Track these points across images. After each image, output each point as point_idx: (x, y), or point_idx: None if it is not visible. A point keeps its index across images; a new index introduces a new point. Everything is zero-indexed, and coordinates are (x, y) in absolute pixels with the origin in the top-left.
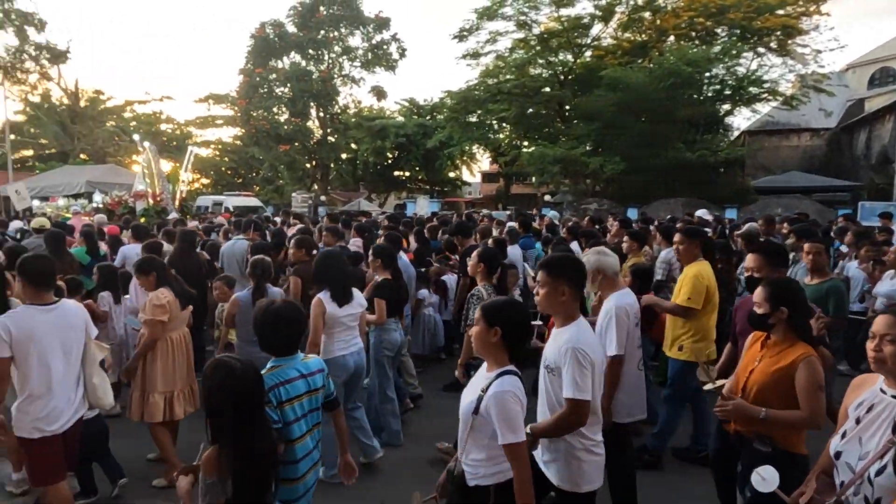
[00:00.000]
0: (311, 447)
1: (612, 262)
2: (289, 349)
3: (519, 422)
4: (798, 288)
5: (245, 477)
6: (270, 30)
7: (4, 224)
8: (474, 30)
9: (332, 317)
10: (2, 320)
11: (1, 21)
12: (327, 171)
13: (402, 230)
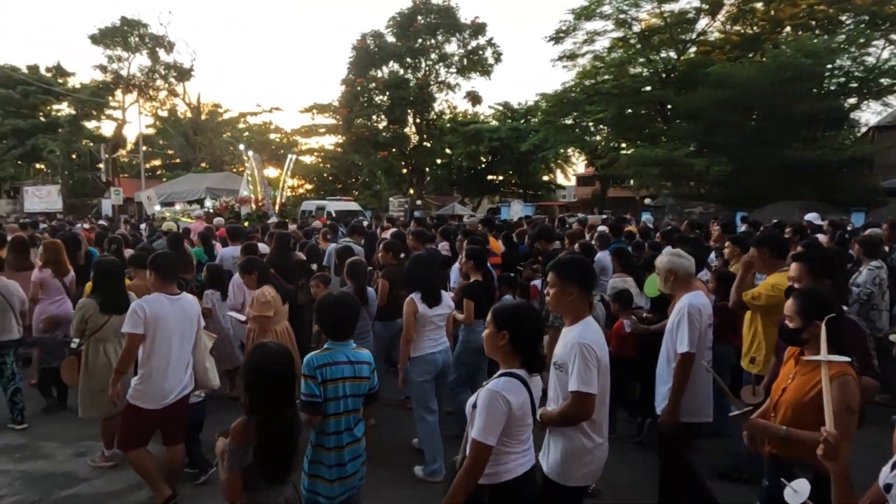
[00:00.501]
0: (344, 427)
1: (686, 264)
2: (342, 335)
3: (494, 424)
4: (833, 299)
5: (265, 447)
6: (371, 41)
7: (136, 227)
8: (571, 31)
9: (422, 316)
10: (139, 302)
11: (137, 45)
12: (422, 176)
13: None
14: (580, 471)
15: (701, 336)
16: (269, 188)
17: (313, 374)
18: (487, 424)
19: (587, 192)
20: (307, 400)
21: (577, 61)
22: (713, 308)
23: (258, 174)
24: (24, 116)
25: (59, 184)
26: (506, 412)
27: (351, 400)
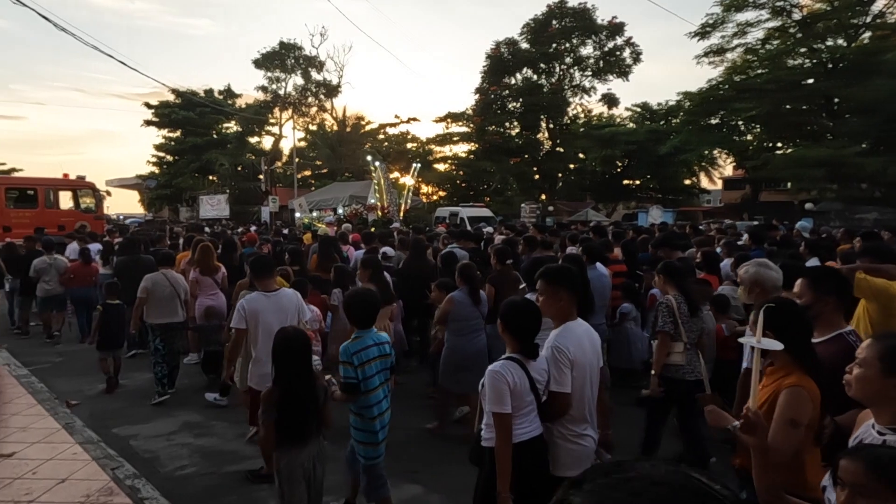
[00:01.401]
0: (382, 397)
1: (773, 276)
2: (366, 323)
3: (501, 396)
4: (799, 311)
5: (285, 410)
6: (504, 48)
7: (279, 232)
8: (719, 24)
9: None
10: (241, 302)
11: (293, 66)
12: (555, 182)
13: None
14: (563, 460)
15: None
16: (394, 196)
17: (350, 359)
18: (494, 397)
19: (735, 197)
20: (346, 382)
21: (725, 56)
22: None
23: (385, 183)
24: (201, 135)
25: (227, 193)
26: (506, 386)
27: (383, 374)
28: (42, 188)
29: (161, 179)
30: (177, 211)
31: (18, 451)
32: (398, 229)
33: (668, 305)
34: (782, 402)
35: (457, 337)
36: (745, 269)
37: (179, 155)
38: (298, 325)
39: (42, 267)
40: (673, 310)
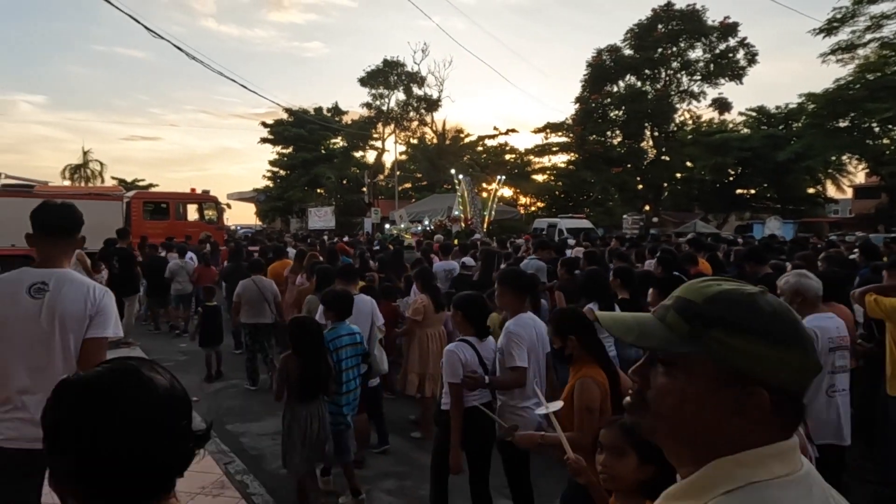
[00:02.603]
0: (351, 377)
1: (814, 286)
2: (342, 317)
3: (454, 369)
4: (580, 314)
5: (297, 374)
6: (606, 56)
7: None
8: (848, 18)
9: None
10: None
11: (395, 83)
12: (659, 192)
13: None
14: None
15: (822, 360)
16: (478, 207)
17: (326, 345)
18: (450, 370)
19: (868, 207)
20: None
21: (856, 53)
22: None
23: (469, 195)
24: (310, 150)
25: (333, 205)
26: (458, 362)
27: (353, 359)
28: (173, 202)
29: (273, 192)
30: (287, 222)
31: None
32: (481, 240)
33: None
34: (575, 393)
35: None
36: (784, 279)
37: (291, 169)
38: (372, 328)
39: (175, 269)
40: None
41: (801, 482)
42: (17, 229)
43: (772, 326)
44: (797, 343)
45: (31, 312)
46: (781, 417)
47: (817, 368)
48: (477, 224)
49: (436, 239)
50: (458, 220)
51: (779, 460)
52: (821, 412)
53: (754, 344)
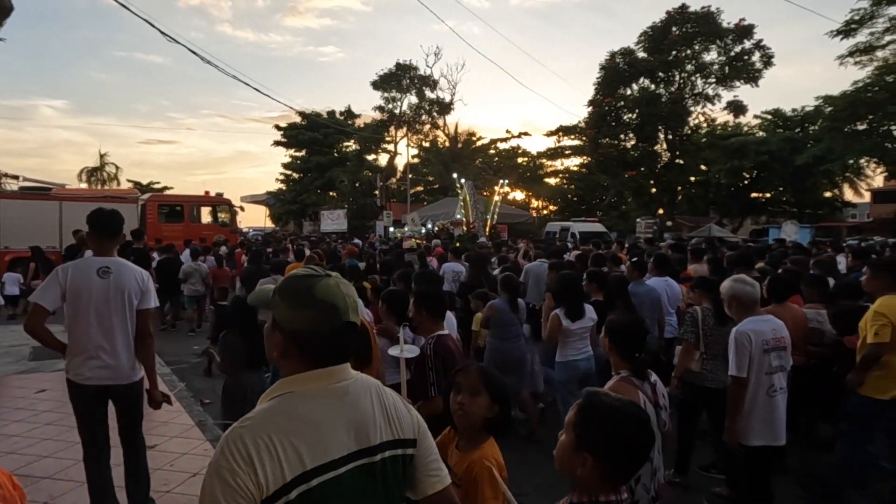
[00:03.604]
0: None
1: (749, 291)
2: None
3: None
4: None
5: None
6: (620, 59)
7: (373, 244)
8: (867, 19)
9: (566, 329)
10: None
11: (408, 86)
12: (674, 196)
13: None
14: None
15: (753, 360)
16: (480, 212)
17: None
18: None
19: (888, 211)
20: None
21: (874, 55)
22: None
23: (470, 199)
24: (324, 153)
25: (345, 208)
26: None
27: None
28: (187, 204)
29: (287, 196)
30: (301, 225)
31: (160, 444)
32: (483, 244)
33: (693, 317)
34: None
35: (499, 341)
36: (723, 284)
37: (304, 173)
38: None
39: (189, 271)
40: (697, 321)
41: (332, 394)
42: (34, 230)
43: (291, 296)
44: (306, 307)
45: (102, 289)
46: (307, 354)
47: (332, 325)
48: (479, 228)
49: (434, 243)
50: (460, 223)
51: (313, 380)
52: (762, 412)
53: (283, 306)
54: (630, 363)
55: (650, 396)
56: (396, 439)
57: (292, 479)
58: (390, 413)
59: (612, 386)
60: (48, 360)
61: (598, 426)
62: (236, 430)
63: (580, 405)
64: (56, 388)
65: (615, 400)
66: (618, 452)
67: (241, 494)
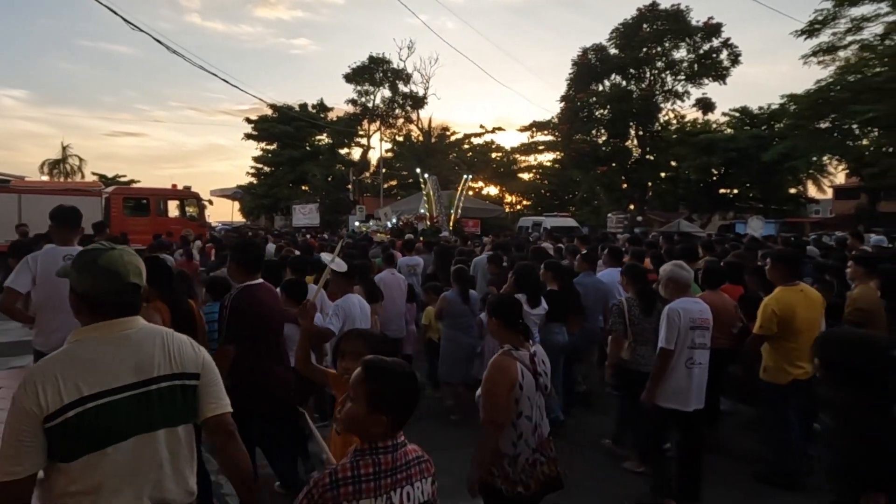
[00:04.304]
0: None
1: (684, 275)
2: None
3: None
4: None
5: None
6: (592, 55)
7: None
8: (830, 20)
9: (526, 314)
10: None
11: (381, 79)
12: (645, 191)
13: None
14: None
15: (681, 334)
16: (444, 206)
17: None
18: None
19: (848, 207)
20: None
21: (837, 54)
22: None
23: (434, 194)
24: (296, 147)
25: (318, 202)
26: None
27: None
28: (153, 198)
29: (259, 189)
30: (273, 219)
31: None
32: (447, 238)
33: (620, 309)
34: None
35: (452, 331)
36: (662, 268)
37: (276, 166)
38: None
39: None
40: (624, 312)
41: (114, 340)
42: None
43: (81, 265)
44: (91, 273)
45: None
46: (94, 310)
47: (115, 287)
48: (443, 222)
49: (406, 237)
50: (424, 218)
51: (98, 330)
52: (678, 380)
53: (74, 273)
54: (512, 336)
55: (528, 365)
56: (175, 373)
57: (69, 402)
58: (173, 353)
59: (495, 360)
60: (1, 359)
61: (390, 388)
62: (31, 369)
63: (367, 375)
64: (9, 386)
65: (391, 363)
66: (403, 407)
67: (27, 413)
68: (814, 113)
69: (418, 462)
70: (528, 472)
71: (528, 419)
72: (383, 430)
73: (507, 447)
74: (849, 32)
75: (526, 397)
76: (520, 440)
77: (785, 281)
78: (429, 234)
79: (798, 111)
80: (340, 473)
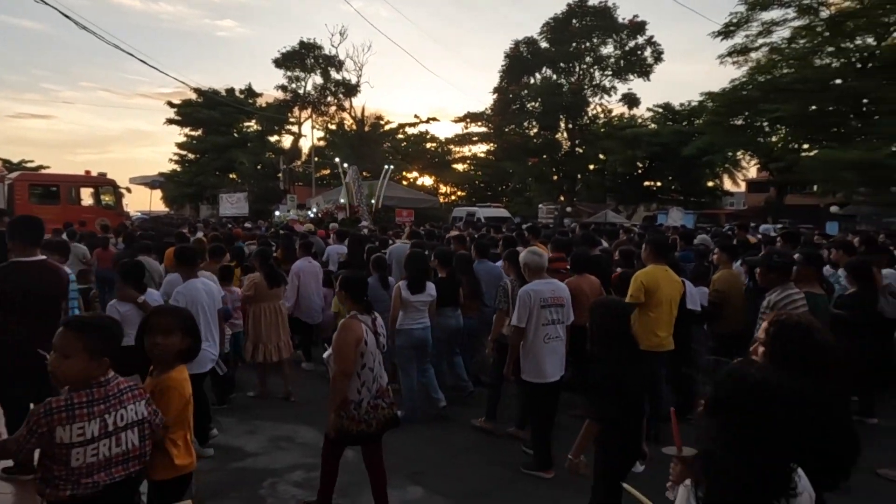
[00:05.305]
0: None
1: (538, 260)
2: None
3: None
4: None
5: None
6: (524, 48)
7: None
8: (743, 23)
9: (405, 301)
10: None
11: (312, 65)
12: (574, 183)
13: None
14: None
15: (532, 314)
16: (364, 196)
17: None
18: None
19: (759, 200)
20: None
21: (749, 56)
22: None
23: (354, 184)
24: (223, 133)
25: (246, 191)
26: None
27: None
28: (64, 185)
29: (183, 178)
30: (198, 209)
31: None
32: (368, 227)
33: (505, 289)
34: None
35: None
36: (521, 254)
37: (201, 153)
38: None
39: None
40: (508, 292)
41: None
42: None
43: None
44: None
45: None
46: None
47: None
48: (364, 212)
49: (331, 227)
50: (343, 207)
51: None
52: (538, 356)
53: None
54: (358, 305)
55: (371, 327)
56: None
57: None
58: None
59: (343, 322)
60: None
61: (104, 335)
62: None
63: (82, 332)
64: None
65: (98, 317)
66: (117, 347)
67: None
68: (729, 110)
69: (130, 389)
70: (371, 414)
71: (371, 370)
72: (105, 371)
73: (353, 394)
74: (760, 35)
75: (370, 353)
76: (363, 388)
77: (655, 261)
78: (348, 224)
79: (715, 108)
80: (55, 404)
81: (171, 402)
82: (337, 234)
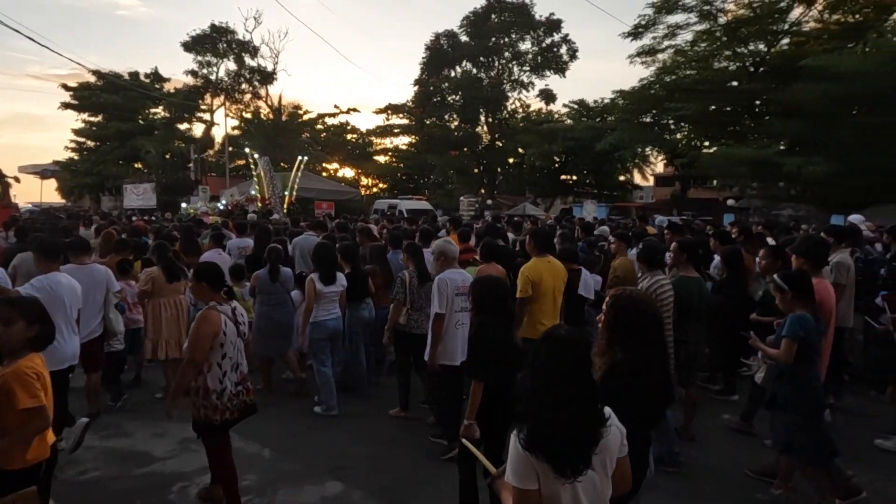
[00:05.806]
0: None
1: (452, 249)
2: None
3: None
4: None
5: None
6: (444, 41)
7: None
8: (650, 25)
9: (319, 292)
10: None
11: (225, 51)
12: (494, 176)
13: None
14: None
15: (449, 301)
16: (277, 188)
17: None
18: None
19: (666, 193)
20: None
21: (656, 57)
22: None
23: (266, 176)
24: (126, 119)
25: (153, 182)
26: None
27: None
28: None
29: (81, 167)
30: (99, 200)
31: None
32: (280, 220)
33: (403, 280)
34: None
35: (265, 307)
36: (435, 243)
37: (102, 141)
38: (108, 294)
39: None
40: (405, 283)
41: None
42: None
43: None
44: None
45: None
46: None
47: None
48: (276, 204)
49: (249, 218)
50: (254, 199)
51: None
52: (450, 341)
53: None
54: (216, 296)
55: (230, 317)
56: None
57: None
58: None
59: (202, 312)
60: None
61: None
62: None
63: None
64: None
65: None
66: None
67: None
68: (638, 108)
69: None
70: (233, 401)
71: (231, 359)
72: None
73: (215, 384)
74: (666, 37)
75: (230, 342)
76: (224, 377)
77: (538, 253)
78: (260, 217)
79: (625, 106)
80: None
81: (14, 390)
82: (237, 227)
